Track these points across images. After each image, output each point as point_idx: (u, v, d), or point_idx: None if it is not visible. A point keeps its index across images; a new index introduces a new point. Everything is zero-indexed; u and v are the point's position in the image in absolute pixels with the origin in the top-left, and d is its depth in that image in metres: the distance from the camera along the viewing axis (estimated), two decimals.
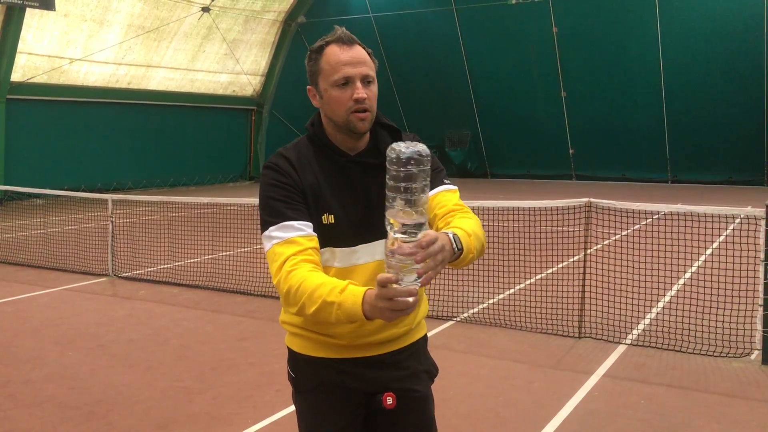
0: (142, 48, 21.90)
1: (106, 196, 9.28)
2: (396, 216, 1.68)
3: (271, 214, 2.00)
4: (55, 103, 20.36)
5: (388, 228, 1.70)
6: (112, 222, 9.07)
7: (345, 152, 2.09)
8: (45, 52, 19.48)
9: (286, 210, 1.99)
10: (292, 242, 1.95)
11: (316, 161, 2.08)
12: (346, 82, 2.00)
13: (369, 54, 2.06)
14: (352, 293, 1.79)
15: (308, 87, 2.10)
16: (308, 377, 2.14)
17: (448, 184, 2.16)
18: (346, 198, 2.06)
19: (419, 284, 1.65)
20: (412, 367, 2.19)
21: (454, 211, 2.08)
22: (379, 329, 2.07)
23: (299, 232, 1.97)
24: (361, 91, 2.00)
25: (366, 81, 2.02)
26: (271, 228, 1.98)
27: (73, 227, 12.60)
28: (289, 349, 2.20)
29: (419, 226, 1.68)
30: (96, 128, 21.61)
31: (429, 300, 6.83)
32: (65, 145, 20.63)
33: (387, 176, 1.70)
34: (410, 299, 1.65)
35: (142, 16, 21.00)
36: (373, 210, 2.02)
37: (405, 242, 1.66)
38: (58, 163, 20.18)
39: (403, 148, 1.68)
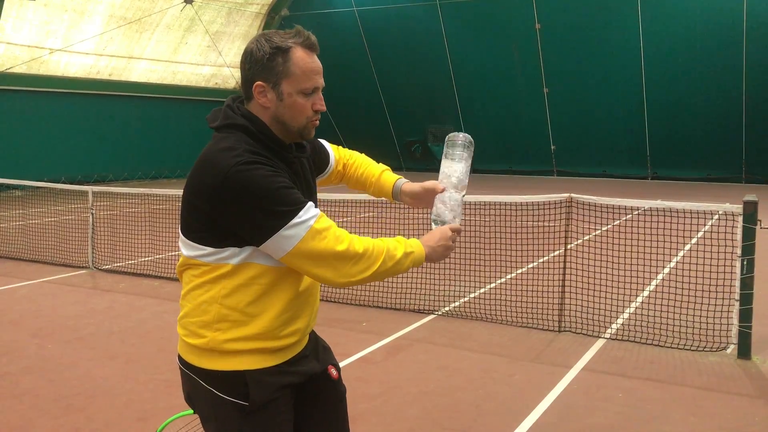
0: (123, 39, 21.68)
1: (87, 187, 9.18)
2: (462, 181, 2.32)
3: (293, 203, 1.89)
4: (35, 94, 20.10)
5: (450, 189, 2.30)
6: (92, 214, 8.99)
7: (290, 148, 2.07)
8: (24, 42, 19.21)
9: (300, 195, 1.95)
10: (325, 217, 1.96)
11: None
12: (314, 91, 2.02)
13: None
14: (414, 242, 2.08)
15: (258, 83, 1.99)
16: (263, 392, 2.02)
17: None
18: (303, 192, 2.04)
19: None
20: (320, 341, 2.31)
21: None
22: (315, 318, 2.20)
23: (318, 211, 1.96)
24: (323, 103, 2.06)
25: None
26: (300, 213, 1.89)
27: (52, 219, 12.47)
28: (229, 374, 2.01)
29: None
30: (76, 119, 21.38)
31: (411, 293, 6.88)
32: (45, 136, 20.39)
33: (448, 154, 2.32)
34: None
35: (124, 6, 20.77)
36: (316, 201, 2.12)
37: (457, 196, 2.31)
38: (38, 154, 19.96)
39: (462, 135, 2.36)
